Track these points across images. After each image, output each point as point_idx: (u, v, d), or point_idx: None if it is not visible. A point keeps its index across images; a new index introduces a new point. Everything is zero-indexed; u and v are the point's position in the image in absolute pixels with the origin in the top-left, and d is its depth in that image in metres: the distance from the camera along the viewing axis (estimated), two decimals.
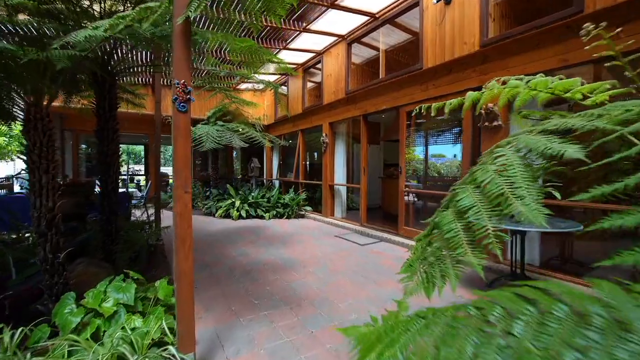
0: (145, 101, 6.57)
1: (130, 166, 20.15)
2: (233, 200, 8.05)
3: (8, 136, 13.96)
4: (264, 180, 10.92)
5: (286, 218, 7.74)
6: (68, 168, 9.54)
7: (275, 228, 6.62)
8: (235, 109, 10.21)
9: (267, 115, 10.44)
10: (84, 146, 12.12)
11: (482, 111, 3.95)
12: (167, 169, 20.75)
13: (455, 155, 8.43)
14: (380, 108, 5.69)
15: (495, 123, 3.84)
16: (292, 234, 6.06)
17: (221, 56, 7.70)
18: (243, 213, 7.69)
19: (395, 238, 5.24)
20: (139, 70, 4.01)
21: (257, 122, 9.99)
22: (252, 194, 8.38)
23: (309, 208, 7.94)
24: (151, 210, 7.60)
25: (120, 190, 6.98)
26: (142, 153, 37.97)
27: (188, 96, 1.91)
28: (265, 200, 8.07)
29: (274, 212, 7.78)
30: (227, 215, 7.94)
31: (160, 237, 5.70)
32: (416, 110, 1.33)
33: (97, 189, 4.45)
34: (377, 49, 7.01)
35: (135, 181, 13.47)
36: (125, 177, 14.06)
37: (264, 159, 11.06)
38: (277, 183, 10.32)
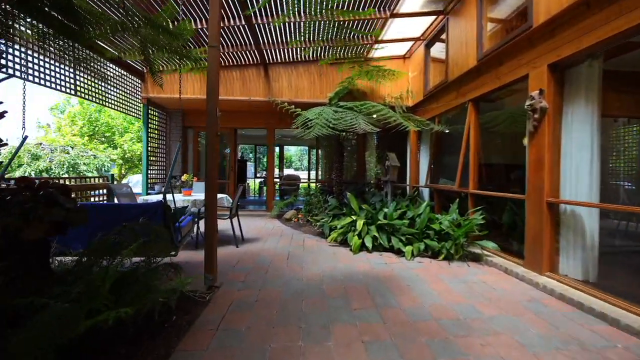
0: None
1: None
2: (354, 218, 5.08)
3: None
4: (406, 188, 7.53)
5: (444, 259, 4.18)
6: (190, 167, 8.84)
7: (423, 290, 3.21)
8: (364, 86, 7.31)
9: (412, 92, 7.07)
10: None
11: None
12: (302, 173, 19.97)
13: None
14: None
15: None
16: (464, 321, 2.54)
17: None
18: (367, 242, 4.61)
19: None
20: None
21: (397, 103, 6.79)
22: (385, 209, 5.19)
23: (490, 245, 4.10)
24: (234, 221, 5.49)
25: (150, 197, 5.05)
26: (294, 158, 40.16)
27: None
28: (407, 222, 4.72)
29: (421, 247, 4.34)
30: (344, 242, 5.04)
31: (214, 283, 3.28)
32: None
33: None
34: None
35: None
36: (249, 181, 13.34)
37: (407, 154, 7.67)
38: (425, 193, 6.77)
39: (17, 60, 4.17)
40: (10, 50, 3.97)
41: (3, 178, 3.57)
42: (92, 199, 6.20)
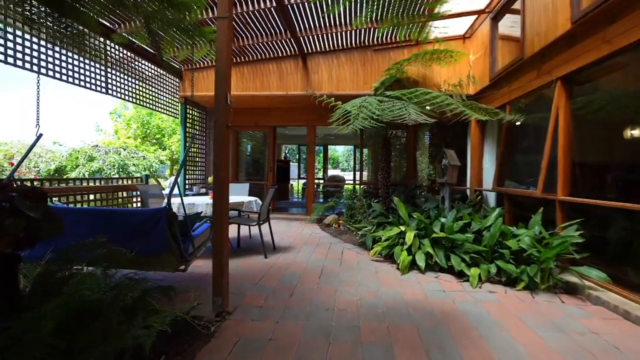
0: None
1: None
2: (402, 229, 4.20)
3: None
4: (466, 192, 6.40)
5: (524, 289, 3.13)
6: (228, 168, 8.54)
7: (500, 341, 2.26)
8: (415, 73, 6.34)
9: (473, 77, 5.94)
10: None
11: None
12: (347, 174, 19.15)
13: None
14: None
15: None
16: None
17: None
18: (419, 259, 3.71)
19: None
20: None
21: (455, 92, 5.74)
22: (442, 219, 4.23)
23: (594, 273, 2.94)
24: (265, 227, 4.90)
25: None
26: (341, 159, 39.34)
27: None
28: (471, 236, 3.73)
29: (492, 270, 3.34)
30: (389, 257, 4.19)
31: (225, 307, 2.67)
32: None
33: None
34: None
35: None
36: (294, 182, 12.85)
37: (467, 152, 6.53)
38: (490, 198, 5.62)
39: (25, 51, 3.92)
40: (23, 42, 3.78)
41: (12, 178, 3.35)
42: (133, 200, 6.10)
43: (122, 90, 5.46)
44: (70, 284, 1.71)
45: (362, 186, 7.87)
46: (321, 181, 13.55)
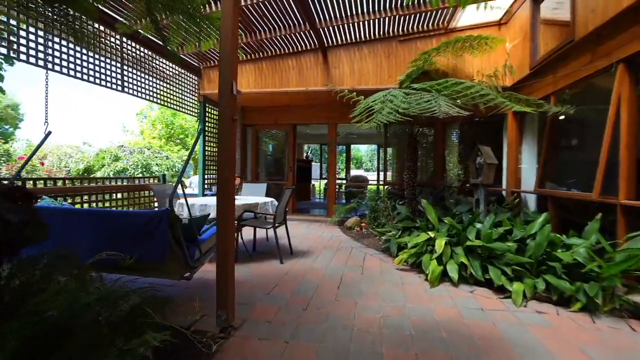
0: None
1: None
2: (431, 235, 3.76)
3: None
4: (502, 194, 5.81)
5: (580, 310, 2.64)
6: (248, 169, 8.38)
7: None
8: (444, 64, 5.84)
9: (511, 67, 5.36)
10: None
11: None
12: (370, 174, 18.61)
13: None
14: None
15: None
16: None
17: None
18: (451, 270, 3.27)
19: None
20: None
21: (490, 83, 5.21)
22: (478, 224, 3.75)
23: None
24: (282, 230, 4.59)
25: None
26: (364, 159, 38.67)
27: None
28: (513, 246, 3.24)
29: (539, 285, 2.85)
30: (416, 265, 3.77)
31: (230, 322, 2.38)
32: None
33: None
34: None
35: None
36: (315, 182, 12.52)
37: (504, 148, 5.94)
38: (530, 201, 5.04)
39: (38, 47, 3.79)
40: (36, 39, 3.69)
41: (19, 176, 3.26)
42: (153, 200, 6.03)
43: (139, 88, 5.36)
44: (34, 301, 1.46)
45: (386, 187, 7.44)
46: (343, 181, 13.17)
